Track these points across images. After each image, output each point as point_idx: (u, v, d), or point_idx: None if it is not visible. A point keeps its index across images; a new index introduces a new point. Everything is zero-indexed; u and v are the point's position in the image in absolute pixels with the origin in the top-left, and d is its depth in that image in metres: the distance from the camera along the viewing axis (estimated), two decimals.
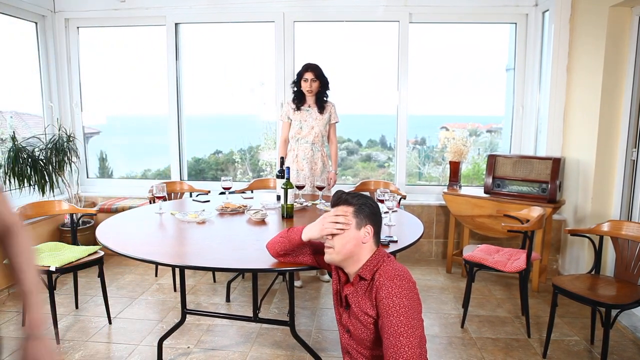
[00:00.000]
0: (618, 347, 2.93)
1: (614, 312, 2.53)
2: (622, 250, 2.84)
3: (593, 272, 2.93)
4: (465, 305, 3.24)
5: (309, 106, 3.83)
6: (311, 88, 3.74)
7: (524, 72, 4.46)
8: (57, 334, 2.91)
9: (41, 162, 4.02)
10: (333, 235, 1.70)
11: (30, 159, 3.93)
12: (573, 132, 4.01)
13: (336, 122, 3.92)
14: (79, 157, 4.59)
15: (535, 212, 3.22)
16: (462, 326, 3.19)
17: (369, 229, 1.69)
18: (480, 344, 2.98)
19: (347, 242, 1.68)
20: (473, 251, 3.25)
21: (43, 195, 4.02)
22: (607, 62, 3.49)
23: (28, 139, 4.17)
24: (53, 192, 4.10)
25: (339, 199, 1.75)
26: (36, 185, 4.00)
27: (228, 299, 3.60)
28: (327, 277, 3.99)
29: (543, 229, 3.66)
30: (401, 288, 1.56)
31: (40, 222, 4.12)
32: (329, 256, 1.72)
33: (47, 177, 4.03)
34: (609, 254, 3.48)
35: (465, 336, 3.07)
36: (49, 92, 4.65)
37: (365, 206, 1.70)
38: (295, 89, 3.84)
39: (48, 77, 4.63)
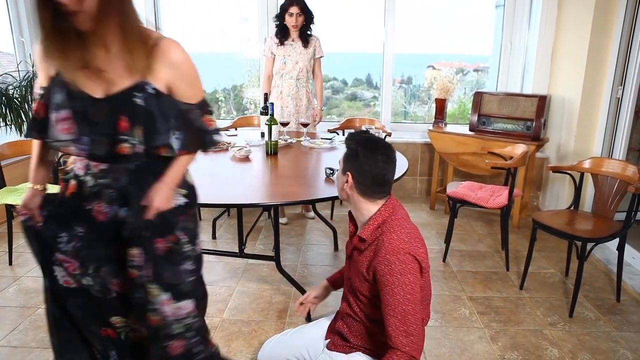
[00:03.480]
0: (590, 278, 3.06)
1: (589, 246, 2.62)
2: (602, 186, 2.89)
3: (572, 208, 3.00)
4: (448, 240, 3.32)
5: (293, 40, 3.69)
6: (296, 23, 3.59)
7: (513, 7, 4.34)
8: None
9: (16, 101, 3.88)
10: None
11: (4, 98, 3.79)
12: (560, 69, 3.97)
13: (321, 57, 3.81)
14: None
15: (519, 149, 3.23)
16: (443, 260, 3.29)
17: (347, 175, 1.51)
18: (461, 276, 3.08)
19: (338, 187, 1.57)
20: (457, 188, 3.29)
21: (21, 135, 3.91)
22: None
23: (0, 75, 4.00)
24: None
25: (348, 147, 1.53)
26: (13, 125, 3.88)
27: (214, 237, 3.63)
28: (312, 214, 4.03)
29: (526, 166, 3.71)
30: (404, 264, 1.40)
31: (19, 163, 4.01)
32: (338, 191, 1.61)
33: (23, 116, 3.91)
34: (589, 191, 3.55)
35: (447, 270, 3.17)
36: (18, 25, 4.40)
37: (346, 147, 1.53)
38: (278, 22, 3.68)
39: (16, 8, 4.37)
